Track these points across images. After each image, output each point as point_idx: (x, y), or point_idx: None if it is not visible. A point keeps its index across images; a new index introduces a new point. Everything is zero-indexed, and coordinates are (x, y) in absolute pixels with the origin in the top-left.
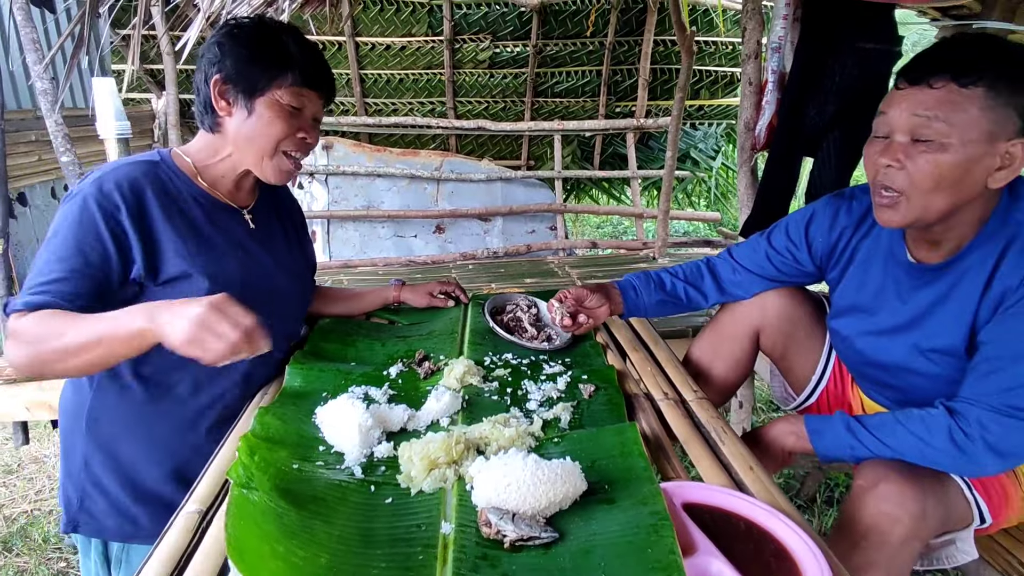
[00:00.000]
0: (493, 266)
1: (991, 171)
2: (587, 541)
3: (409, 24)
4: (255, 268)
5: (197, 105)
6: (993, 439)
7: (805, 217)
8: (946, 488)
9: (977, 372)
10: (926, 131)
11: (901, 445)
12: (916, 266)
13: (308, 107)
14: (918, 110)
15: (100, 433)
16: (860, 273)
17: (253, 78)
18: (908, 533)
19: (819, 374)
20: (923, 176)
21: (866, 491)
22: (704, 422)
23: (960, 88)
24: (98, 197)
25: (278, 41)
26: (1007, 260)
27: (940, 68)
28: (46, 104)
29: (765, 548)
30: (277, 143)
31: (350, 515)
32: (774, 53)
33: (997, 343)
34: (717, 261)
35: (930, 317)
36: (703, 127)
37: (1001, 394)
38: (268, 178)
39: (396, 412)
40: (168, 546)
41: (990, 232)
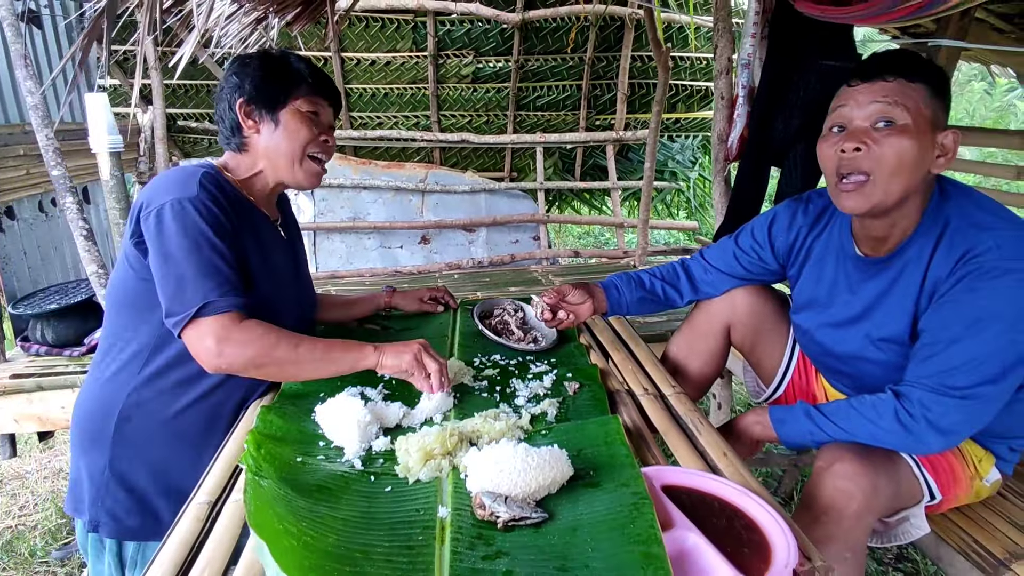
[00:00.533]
0: (478, 275)
1: (933, 159)
2: (574, 520)
3: (394, 40)
4: (288, 274)
5: (223, 131)
6: (934, 417)
7: (768, 219)
8: (897, 466)
9: (918, 357)
10: (890, 113)
11: (855, 428)
12: (863, 259)
13: (323, 113)
14: (878, 96)
15: (131, 432)
16: (816, 269)
17: (272, 94)
18: (862, 508)
19: (784, 366)
20: (889, 156)
21: (824, 471)
22: (682, 414)
23: (908, 82)
24: (213, 198)
25: (285, 61)
26: (938, 253)
27: (890, 67)
28: (37, 119)
29: (736, 523)
30: (304, 146)
31: (353, 501)
32: (744, 69)
33: (933, 330)
34: (691, 262)
35: (878, 308)
36: (680, 139)
37: (939, 375)
38: (301, 182)
39: (392, 409)
40: (181, 534)
41: (925, 228)
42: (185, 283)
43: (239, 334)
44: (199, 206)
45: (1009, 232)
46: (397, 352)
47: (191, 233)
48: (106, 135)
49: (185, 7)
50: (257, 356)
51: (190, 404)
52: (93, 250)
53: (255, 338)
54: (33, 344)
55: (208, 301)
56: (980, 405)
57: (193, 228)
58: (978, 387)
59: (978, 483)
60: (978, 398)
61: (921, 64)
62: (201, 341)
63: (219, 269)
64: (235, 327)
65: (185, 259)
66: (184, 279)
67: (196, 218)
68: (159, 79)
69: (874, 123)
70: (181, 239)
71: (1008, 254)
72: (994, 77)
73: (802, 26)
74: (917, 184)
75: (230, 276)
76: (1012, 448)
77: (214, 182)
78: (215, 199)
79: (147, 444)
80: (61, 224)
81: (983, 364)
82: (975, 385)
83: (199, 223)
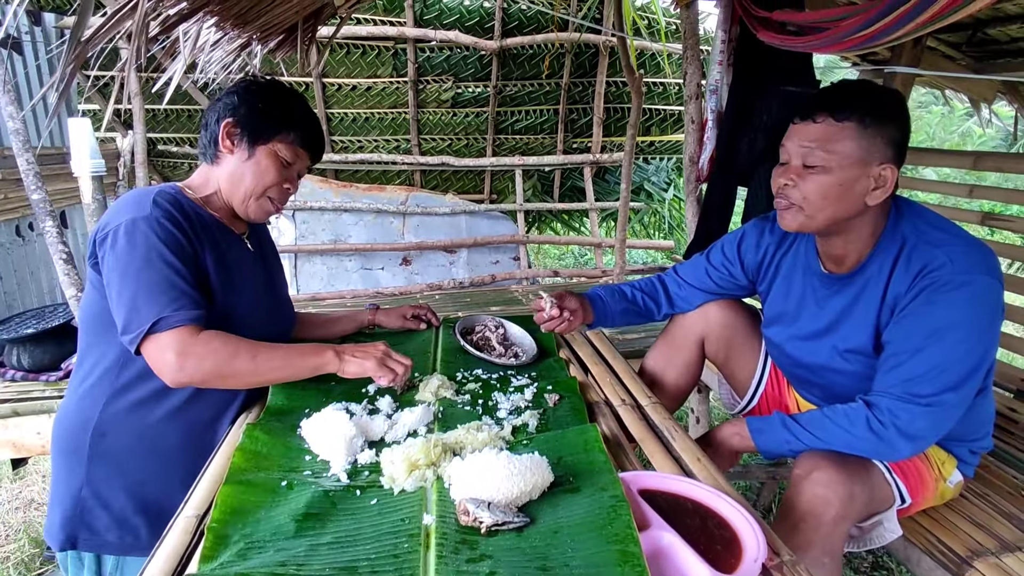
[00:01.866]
0: (459, 296)
1: (868, 190)
2: (555, 523)
3: (375, 66)
4: (259, 287)
5: (203, 139)
6: (902, 424)
7: (737, 237)
8: (870, 473)
9: (884, 368)
10: (811, 158)
11: (830, 436)
12: (828, 276)
13: (298, 164)
14: (803, 141)
15: (106, 447)
16: (784, 285)
17: (260, 128)
18: (839, 513)
19: (758, 378)
20: (810, 192)
21: (802, 479)
22: (658, 423)
23: (836, 122)
24: (167, 215)
25: (288, 103)
26: (897, 269)
27: (821, 107)
28: (18, 144)
29: (709, 522)
30: (266, 189)
31: (339, 521)
32: (712, 94)
33: (896, 341)
34: (666, 277)
35: (843, 321)
36: (655, 161)
37: (904, 384)
38: (248, 216)
39: (377, 422)
40: (168, 548)
41: (883, 246)
42: (139, 300)
43: (198, 347)
44: (152, 224)
45: (961, 247)
46: (359, 359)
47: (143, 250)
48: (89, 159)
49: (172, 34)
50: (217, 367)
51: (162, 418)
52: (72, 273)
53: (213, 350)
54: (8, 369)
55: (162, 316)
56: (944, 411)
57: (145, 245)
58: (941, 394)
59: (943, 485)
60: (942, 404)
61: (856, 101)
62: (161, 356)
63: (173, 283)
64: (193, 340)
65: (137, 276)
66: (137, 296)
67: (149, 235)
68: (140, 104)
69: (803, 163)
70: (133, 257)
71: (960, 268)
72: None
73: (765, 54)
74: (852, 212)
75: (185, 290)
76: (972, 451)
77: (170, 200)
78: (170, 216)
79: (123, 459)
80: (38, 248)
81: (944, 372)
82: (939, 392)
83: (152, 240)
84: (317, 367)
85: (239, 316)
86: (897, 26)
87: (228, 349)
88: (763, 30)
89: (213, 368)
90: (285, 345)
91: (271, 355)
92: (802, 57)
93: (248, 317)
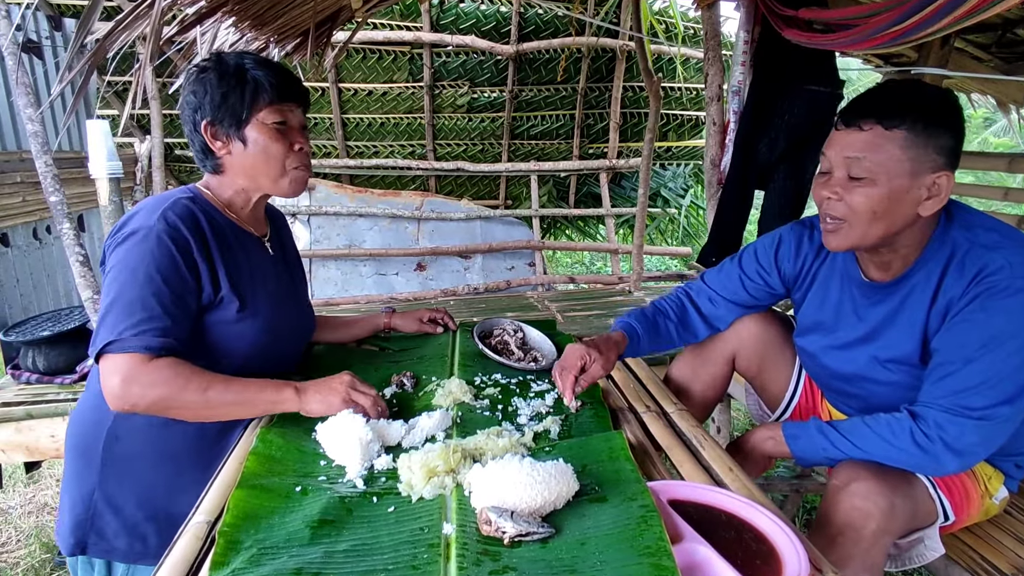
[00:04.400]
0: (474, 302)
1: (920, 201)
2: (582, 534)
3: (390, 71)
4: (280, 291)
5: (196, 154)
6: (950, 439)
7: (773, 243)
8: (913, 486)
9: (932, 377)
10: (857, 169)
11: (869, 446)
12: (869, 284)
13: (291, 118)
14: (849, 152)
15: (119, 452)
16: (820, 293)
17: (234, 111)
18: (879, 527)
19: (791, 390)
20: (858, 207)
21: (840, 490)
22: (685, 431)
23: (885, 131)
24: (170, 232)
25: (240, 70)
26: (949, 274)
27: (868, 112)
28: (36, 146)
29: (745, 535)
30: (283, 161)
31: (355, 529)
32: (734, 96)
33: (947, 350)
34: (696, 296)
35: (885, 330)
36: (672, 167)
37: (954, 396)
38: (286, 192)
39: (394, 427)
40: (178, 553)
41: (932, 251)
42: (109, 314)
43: (146, 375)
44: (152, 238)
45: (1019, 251)
46: (322, 396)
47: (133, 264)
48: (106, 161)
49: (188, 36)
50: (163, 398)
51: (174, 424)
52: (88, 276)
53: (162, 380)
54: (24, 372)
55: (120, 337)
56: (996, 426)
57: (137, 259)
58: (995, 407)
59: (988, 501)
60: (994, 419)
61: (907, 105)
62: (108, 378)
63: (146, 306)
64: (142, 368)
65: (119, 289)
66: (111, 310)
67: (144, 250)
68: (158, 109)
69: (847, 173)
70: (123, 268)
71: (1020, 272)
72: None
73: (787, 54)
74: (904, 225)
75: (158, 316)
76: (1018, 465)
77: (182, 211)
78: (174, 231)
79: (135, 464)
80: (55, 252)
81: (999, 384)
82: (992, 405)
83: (145, 255)
84: (274, 403)
85: (260, 321)
86: (928, 23)
87: (178, 380)
88: (788, 28)
89: (159, 398)
90: (243, 380)
91: (225, 389)
92: (825, 56)
93: (270, 321)
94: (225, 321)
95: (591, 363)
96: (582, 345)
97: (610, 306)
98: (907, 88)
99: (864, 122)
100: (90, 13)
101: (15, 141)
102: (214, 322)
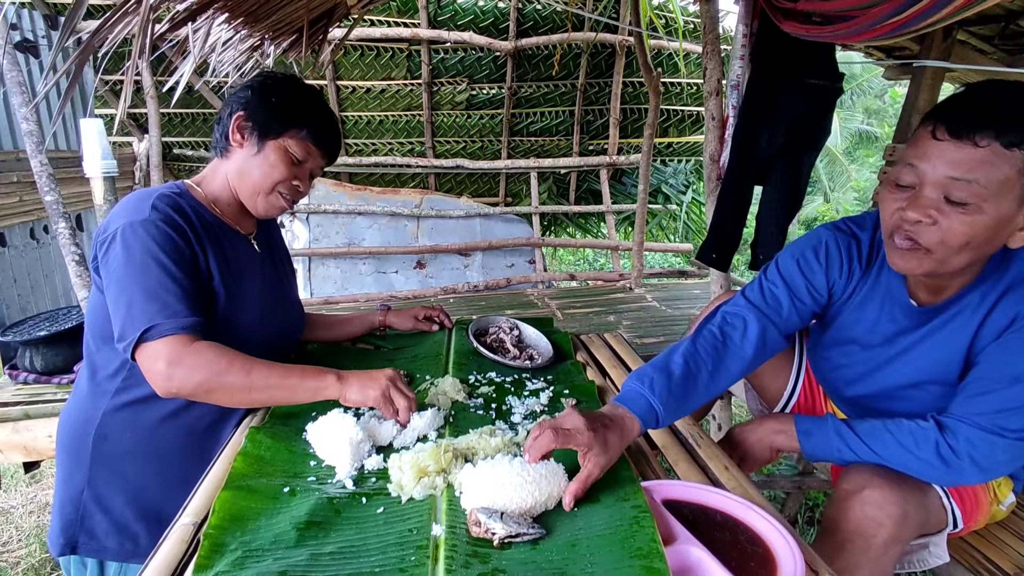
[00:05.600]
0: (474, 299)
1: (1014, 231)
2: (573, 536)
3: (388, 68)
4: (266, 289)
5: (216, 132)
6: (979, 456)
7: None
8: (927, 495)
9: (969, 391)
10: (962, 194)
11: (888, 453)
12: (915, 308)
13: (310, 162)
14: (958, 172)
15: (108, 450)
16: (858, 311)
17: (271, 122)
18: (891, 536)
19: (790, 390)
20: (955, 236)
21: (851, 495)
22: (681, 429)
23: (1004, 149)
24: (165, 219)
25: (303, 99)
26: (1007, 299)
27: (985, 125)
28: (31, 145)
29: (740, 536)
30: (275, 184)
31: (343, 531)
32: (733, 90)
33: (991, 366)
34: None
35: (924, 352)
36: (673, 163)
37: (993, 415)
38: (257, 212)
39: (385, 426)
40: (163, 556)
41: (988, 273)
42: (134, 306)
43: (190, 357)
44: (150, 228)
45: None
46: (363, 386)
47: (139, 255)
48: (100, 160)
49: (180, 33)
50: (207, 380)
51: (162, 422)
52: (85, 275)
53: (205, 361)
54: (21, 372)
55: (154, 324)
56: None
57: (141, 250)
58: None
59: (996, 508)
60: None
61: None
62: (152, 364)
63: (168, 290)
64: (185, 349)
65: (134, 282)
66: (133, 303)
67: (146, 240)
68: (155, 107)
69: (946, 196)
70: (129, 263)
71: None
72: None
73: (786, 47)
74: (989, 255)
75: (181, 297)
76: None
77: (170, 202)
78: (168, 219)
79: (124, 463)
80: (52, 252)
81: None
82: None
83: (148, 245)
84: (316, 390)
85: (245, 319)
86: (928, 13)
87: (221, 362)
88: (787, 21)
89: (203, 380)
90: (284, 364)
91: (268, 372)
92: (824, 49)
93: (255, 319)
94: (211, 316)
95: (587, 455)
96: (591, 430)
97: (611, 303)
98: (1021, 93)
99: (980, 136)
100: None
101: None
102: None
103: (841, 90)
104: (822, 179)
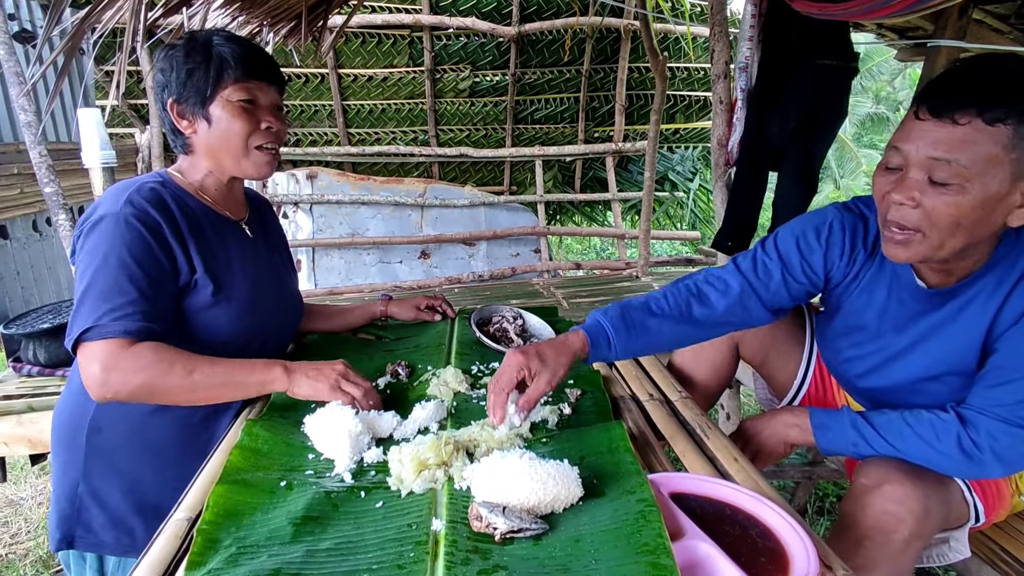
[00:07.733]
0: (479, 289)
1: (1012, 209)
2: (576, 531)
3: (390, 56)
4: (259, 275)
5: (168, 134)
6: (1001, 448)
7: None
8: (949, 489)
9: (988, 381)
10: (943, 173)
11: (908, 447)
12: (925, 291)
13: (261, 98)
14: (938, 152)
15: (102, 443)
16: (865, 297)
17: (198, 88)
18: (912, 533)
19: (800, 380)
20: (940, 217)
21: (870, 490)
22: (689, 419)
23: (986, 125)
24: (137, 215)
25: (208, 47)
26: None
27: (966, 101)
28: (30, 136)
29: (751, 530)
30: (245, 140)
31: (340, 526)
32: (742, 73)
33: (1012, 354)
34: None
35: (940, 340)
36: (680, 150)
37: (1015, 405)
38: (250, 174)
39: (385, 418)
40: (156, 552)
41: (1003, 254)
42: (84, 303)
43: (127, 361)
44: (120, 222)
45: None
46: (311, 378)
47: (103, 250)
48: (98, 150)
49: (176, 20)
50: (145, 384)
51: (153, 414)
52: None
53: (145, 364)
54: (25, 364)
55: (97, 323)
56: None
57: (107, 244)
58: None
59: (1017, 499)
60: None
61: (1012, 94)
62: (88, 366)
63: (123, 291)
64: (123, 353)
65: (92, 277)
66: (85, 299)
67: (113, 236)
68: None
69: (929, 176)
70: (93, 256)
71: None
72: None
73: (797, 27)
74: (987, 235)
75: (135, 300)
76: None
77: (148, 195)
78: (142, 214)
79: (118, 456)
80: (55, 244)
81: None
82: None
83: (115, 241)
84: (262, 383)
85: (237, 308)
86: None
87: (162, 364)
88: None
89: (142, 384)
90: (231, 360)
91: (211, 370)
92: (838, 28)
93: (247, 308)
94: (201, 306)
95: (531, 377)
96: (522, 353)
97: (617, 292)
98: (1011, 67)
99: (960, 114)
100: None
101: (11, 132)
102: (190, 307)
103: (856, 70)
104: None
